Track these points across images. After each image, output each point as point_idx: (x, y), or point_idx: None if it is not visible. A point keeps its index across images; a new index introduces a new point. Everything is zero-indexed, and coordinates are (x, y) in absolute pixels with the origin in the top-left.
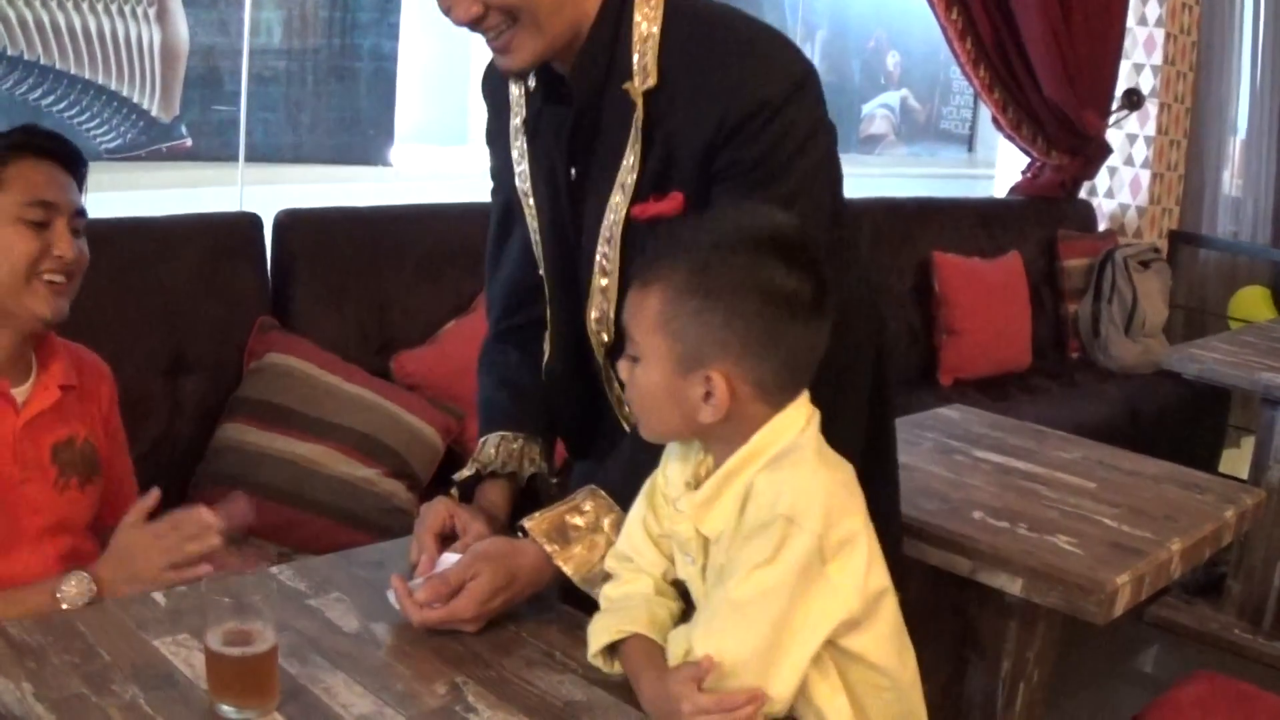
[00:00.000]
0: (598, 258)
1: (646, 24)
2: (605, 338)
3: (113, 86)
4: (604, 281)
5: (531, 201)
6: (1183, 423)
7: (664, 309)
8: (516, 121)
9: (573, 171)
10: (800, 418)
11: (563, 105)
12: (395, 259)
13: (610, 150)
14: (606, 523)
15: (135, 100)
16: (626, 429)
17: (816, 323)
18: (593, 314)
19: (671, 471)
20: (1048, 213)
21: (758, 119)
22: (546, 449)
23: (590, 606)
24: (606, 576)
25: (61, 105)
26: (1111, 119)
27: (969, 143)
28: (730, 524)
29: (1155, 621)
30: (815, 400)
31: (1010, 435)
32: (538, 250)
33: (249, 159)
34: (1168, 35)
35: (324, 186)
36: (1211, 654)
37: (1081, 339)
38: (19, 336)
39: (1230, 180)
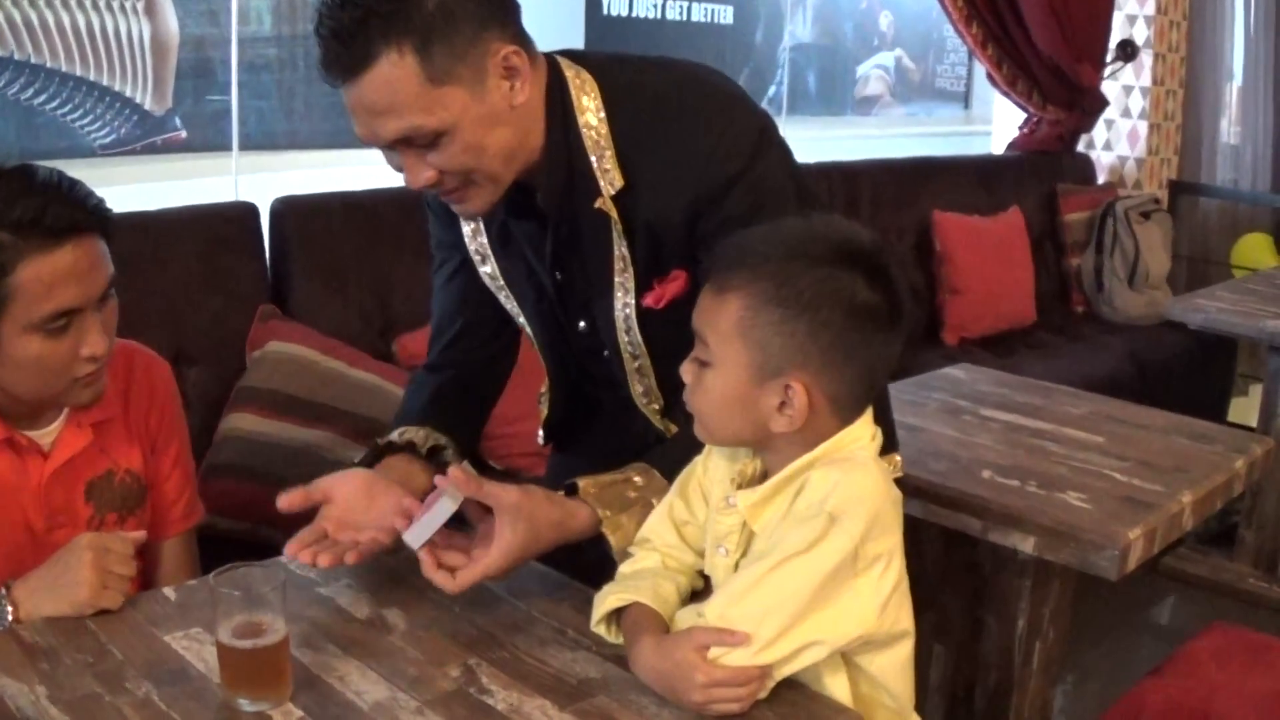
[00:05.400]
0: (622, 346)
1: (592, 116)
2: (656, 407)
3: (104, 82)
4: (636, 363)
5: (510, 294)
6: (1189, 373)
7: (743, 316)
8: (468, 229)
9: (557, 275)
10: (865, 435)
11: (529, 220)
12: (393, 241)
13: (595, 258)
14: (655, 502)
15: (128, 94)
16: (666, 435)
17: (893, 337)
18: (638, 388)
19: (714, 466)
20: (1046, 167)
21: (732, 186)
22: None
23: (600, 584)
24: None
25: (54, 103)
26: (1107, 71)
27: (965, 100)
28: (779, 518)
29: (1169, 573)
30: None
31: (1017, 392)
32: (527, 329)
33: (243, 148)
34: None
35: (320, 172)
36: (1227, 604)
37: (1085, 292)
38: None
39: (1228, 128)
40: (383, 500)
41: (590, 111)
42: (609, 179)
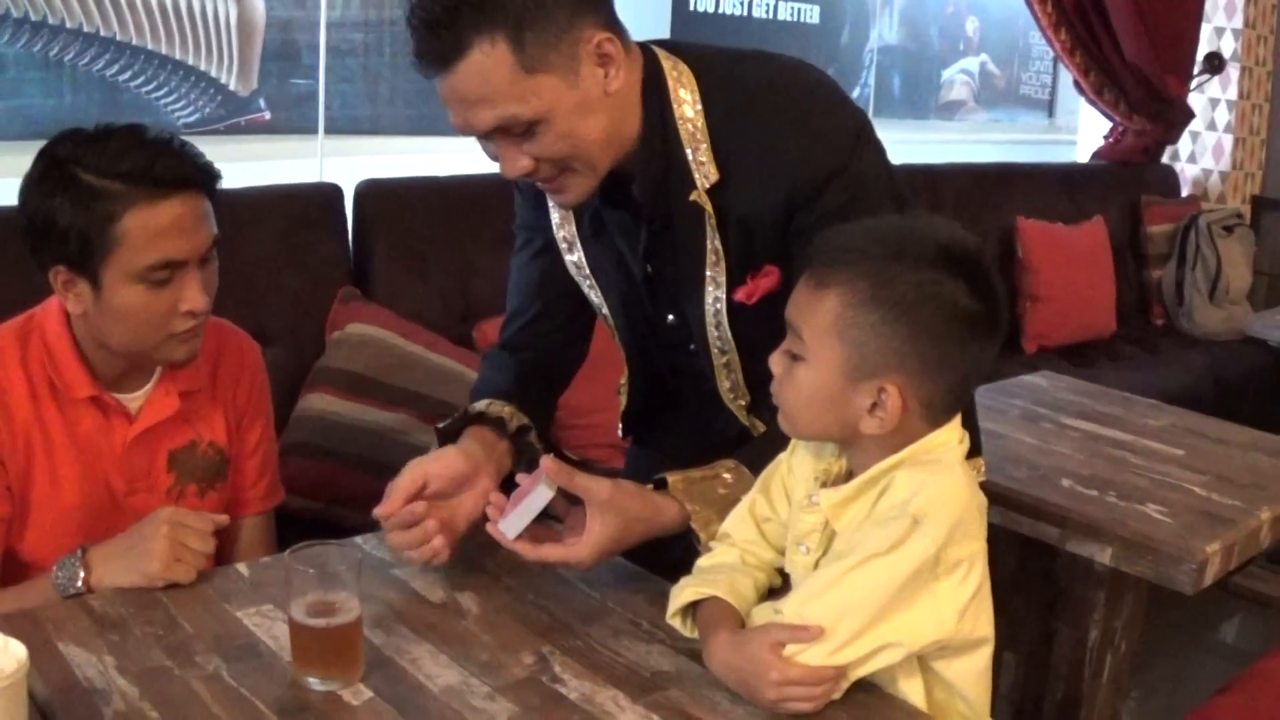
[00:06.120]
0: (711, 340)
1: (689, 108)
2: (743, 403)
3: (190, 61)
4: (725, 358)
5: (594, 283)
6: (1267, 389)
7: (843, 314)
8: (557, 216)
9: (648, 267)
10: (953, 438)
11: (622, 209)
12: (476, 228)
13: (688, 252)
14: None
15: (213, 74)
16: (751, 431)
17: (990, 344)
18: (725, 384)
19: (798, 463)
20: (1130, 178)
21: (829, 182)
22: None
23: (672, 576)
24: None
25: (139, 81)
26: (1193, 83)
27: (1049, 108)
28: (862, 518)
29: (1239, 591)
30: None
31: (1097, 402)
32: (609, 320)
33: (327, 131)
34: None
35: (403, 158)
36: None
37: (1165, 305)
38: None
39: None
40: (471, 491)
41: (687, 104)
42: (704, 172)
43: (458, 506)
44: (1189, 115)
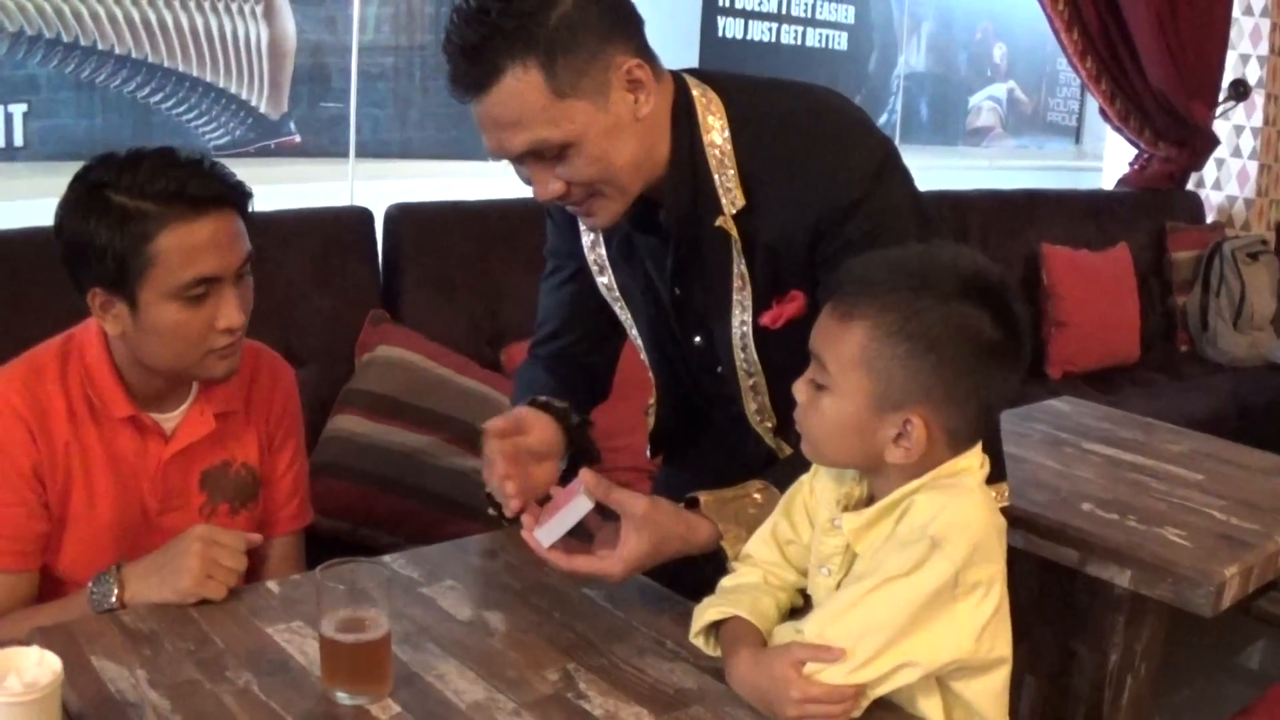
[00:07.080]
0: (737, 363)
1: (717, 134)
2: (769, 425)
3: (221, 84)
4: (751, 381)
5: (624, 305)
6: None
7: (869, 346)
8: (588, 240)
9: (676, 290)
10: (974, 463)
11: (651, 233)
12: (505, 252)
13: (715, 276)
14: None
15: (244, 97)
16: (778, 453)
17: (1014, 373)
18: (751, 407)
19: (820, 487)
20: (1156, 204)
21: (854, 210)
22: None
23: (699, 595)
24: None
25: (170, 103)
26: (1219, 110)
27: (1076, 135)
28: (883, 540)
29: (1261, 616)
30: None
31: (1119, 428)
32: (638, 341)
33: (357, 155)
34: (1274, 25)
35: (433, 182)
36: None
37: (1190, 331)
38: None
39: None
40: (547, 464)
41: (715, 130)
42: (731, 198)
43: (534, 474)
44: (1214, 142)
